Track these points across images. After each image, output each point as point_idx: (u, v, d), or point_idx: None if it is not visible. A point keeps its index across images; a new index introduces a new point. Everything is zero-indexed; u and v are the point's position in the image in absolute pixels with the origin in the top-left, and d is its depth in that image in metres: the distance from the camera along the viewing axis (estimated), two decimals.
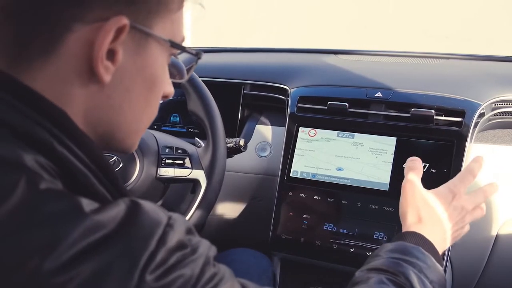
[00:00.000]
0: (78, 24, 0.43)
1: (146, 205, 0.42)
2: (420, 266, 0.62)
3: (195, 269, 0.42)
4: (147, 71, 0.49)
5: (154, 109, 0.54)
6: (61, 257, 0.36)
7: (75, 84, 0.45)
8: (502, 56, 1.38)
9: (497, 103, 1.10)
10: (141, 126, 0.54)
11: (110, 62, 0.45)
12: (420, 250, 0.64)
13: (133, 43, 0.47)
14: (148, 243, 0.39)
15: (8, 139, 0.41)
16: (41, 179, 0.39)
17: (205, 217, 0.97)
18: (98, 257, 0.37)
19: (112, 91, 0.47)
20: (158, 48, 0.49)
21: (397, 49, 1.48)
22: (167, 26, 0.50)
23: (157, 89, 0.52)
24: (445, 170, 1.02)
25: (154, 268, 0.39)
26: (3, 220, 0.37)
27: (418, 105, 1.08)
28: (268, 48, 1.66)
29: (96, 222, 0.38)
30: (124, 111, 0.49)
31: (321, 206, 1.09)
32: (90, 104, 0.47)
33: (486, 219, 1.08)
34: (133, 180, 0.96)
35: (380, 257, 0.64)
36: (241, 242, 1.15)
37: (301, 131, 1.15)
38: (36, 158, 0.41)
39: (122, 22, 0.44)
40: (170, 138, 1.06)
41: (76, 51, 0.44)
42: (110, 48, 0.45)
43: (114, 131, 0.50)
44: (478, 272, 1.10)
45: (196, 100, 0.99)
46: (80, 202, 0.39)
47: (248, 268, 1.02)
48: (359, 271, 0.64)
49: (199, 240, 0.45)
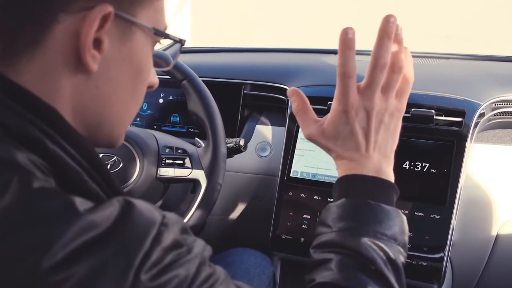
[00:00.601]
0: (63, 14, 0.43)
1: (140, 204, 0.42)
2: (376, 229, 0.56)
3: (190, 269, 0.42)
4: (133, 59, 0.49)
5: (140, 98, 0.54)
6: (56, 256, 0.35)
7: (63, 75, 0.45)
8: (502, 56, 1.38)
9: (497, 103, 1.10)
10: (128, 116, 0.54)
11: (96, 51, 0.45)
12: (368, 205, 0.58)
13: (118, 32, 0.47)
14: (143, 242, 0.39)
15: (1, 137, 0.41)
16: (34, 178, 0.39)
17: (205, 217, 0.97)
18: (93, 257, 0.37)
19: (99, 81, 0.47)
20: (142, 36, 0.50)
21: None
22: (150, 14, 0.50)
23: (143, 78, 0.52)
24: (445, 170, 1.02)
25: (149, 267, 0.38)
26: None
27: (418, 105, 1.08)
28: (268, 48, 1.66)
29: (90, 221, 0.38)
30: (111, 100, 0.50)
31: (321, 206, 1.08)
32: (78, 95, 0.47)
33: (486, 219, 1.08)
34: (133, 180, 0.96)
35: (330, 228, 0.59)
36: (241, 242, 1.15)
37: (301, 131, 1.15)
38: (29, 156, 0.41)
39: (106, 10, 0.44)
40: (170, 138, 1.06)
41: (63, 42, 0.44)
42: (96, 37, 0.45)
43: (102, 122, 0.50)
44: (478, 272, 1.10)
45: (196, 100, 0.99)
46: (73, 201, 0.39)
47: (248, 268, 1.02)
48: (314, 247, 0.60)
49: (194, 240, 0.45)
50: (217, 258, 1.06)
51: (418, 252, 1.00)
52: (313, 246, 0.61)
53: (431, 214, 1.01)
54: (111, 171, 0.96)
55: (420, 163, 1.05)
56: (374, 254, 0.55)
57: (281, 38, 4.81)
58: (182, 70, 1.01)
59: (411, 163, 1.05)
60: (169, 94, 1.35)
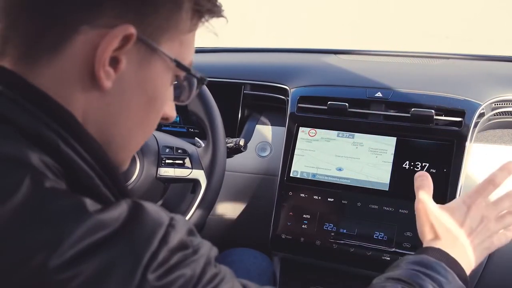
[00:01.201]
0: (87, 27, 0.44)
1: (148, 206, 0.43)
2: (440, 281, 0.61)
3: (196, 269, 0.42)
4: (148, 85, 0.49)
5: (151, 126, 0.54)
6: (64, 255, 0.36)
7: (77, 86, 0.46)
8: (502, 56, 1.38)
9: (497, 103, 1.10)
10: (134, 142, 0.53)
11: (112, 69, 0.45)
12: (441, 265, 0.63)
13: (138, 55, 0.47)
14: (151, 242, 0.40)
15: (15, 137, 0.41)
16: (46, 178, 0.40)
17: (205, 217, 0.97)
18: (100, 256, 0.37)
19: (112, 99, 0.47)
20: (162, 65, 0.49)
21: (397, 49, 1.49)
22: (175, 45, 0.50)
23: (156, 106, 0.52)
24: (445, 170, 1.02)
25: (156, 267, 0.39)
26: (8, 217, 0.37)
27: (418, 105, 1.08)
28: (268, 48, 1.66)
29: (99, 222, 0.39)
30: (121, 121, 0.49)
31: (321, 206, 1.09)
32: (89, 109, 0.47)
33: None
34: (133, 180, 0.96)
35: (399, 267, 0.64)
36: (241, 242, 1.15)
37: (301, 131, 1.15)
38: (42, 157, 0.41)
39: (129, 30, 0.44)
40: (170, 138, 1.06)
41: (81, 53, 0.45)
42: (114, 55, 0.45)
43: (109, 142, 0.50)
44: (478, 272, 1.10)
45: (196, 100, 0.99)
46: (83, 201, 0.40)
47: (248, 268, 1.02)
48: (377, 278, 0.64)
49: (200, 241, 0.46)
50: (217, 258, 1.06)
51: None
52: (377, 278, 0.64)
53: None
54: None
55: (420, 163, 1.05)
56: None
57: (281, 38, 4.81)
58: None
59: (411, 163, 1.05)
60: None
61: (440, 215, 0.69)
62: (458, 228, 0.68)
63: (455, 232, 0.68)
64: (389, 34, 4.64)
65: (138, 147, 0.55)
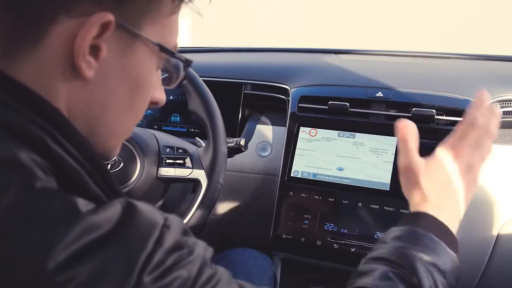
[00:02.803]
0: (64, 17, 0.43)
1: (142, 206, 0.42)
2: (430, 257, 0.57)
3: (192, 270, 0.42)
4: (132, 72, 0.48)
5: (139, 113, 0.53)
6: (58, 258, 0.35)
7: (59, 78, 0.45)
8: (502, 55, 1.38)
9: (498, 102, 1.10)
10: (124, 129, 0.53)
11: (92, 58, 0.45)
12: (430, 237, 0.58)
13: (119, 42, 0.46)
14: (145, 244, 0.39)
15: (2, 136, 0.41)
16: (36, 178, 0.39)
17: (206, 217, 0.97)
18: (95, 258, 0.37)
19: (95, 89, 0.47)
20: (146, 50, 0.49)
21: (398, 48, 1.48)
22: (158, 29, 0.49)
23: (142, 92, 0.51)
24: None
25: (152, 269, 0.39)
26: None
27: (419, 104, 1.08)
28: (268, 48, 1.66)
29: (92, 223, 0.38)
30: (106, 110, 0.49)
31: (322, 206, 1.09)
32: (73, 100, 0.46)
33: (487, 218, 1.08)
34: (133, 180, 0.96)
35: (386, 244, 0.60)
36: (242, 242, 1.15)
37: (301, 131, 1.15)
38: (31, 155, 0.40)
39: (106, 18, 0.43)
40: (170, 138, 1.06)
41: (60, 44, 0.44)
42: (94, 44, 0.44)
43: (96, 131, 0.50)
44: (479, 272, 1.10)
45: (197, 99, 0.99)
46: (76, 202, 0.39)
47: (248, 268, 1.02)
48: (365, 259, 0.60)
49: (195, 242, 0.45)
50: (218, 258, 1.06)
51: None
52: (364, 258, 0.61)
53: None
54: (112, 171, 0.96)
55: None
56: (421, 272, 0.55)
57: (281, 38, 4.81)
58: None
59: None
60: (169, 93, 1.35)
61: (427, 172, 0.64)
62: (447, 184, 0.63)
63: (444, 190, 0.63)
64: (390, 34, 4.64)
65: (128, 134, 0.55)
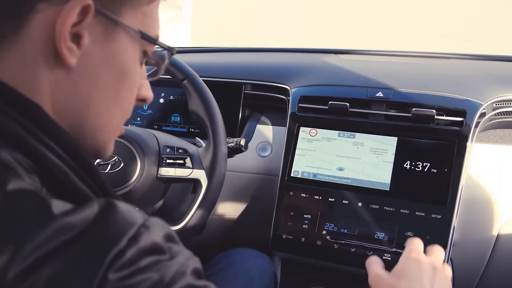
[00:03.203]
0: (43, 5, 0.43)
1: (122, 206, 0.40)
2: None
3: (165, 274, 0.38)
4: (116, 60, 0.48)
5: (126, 105, 0.53)
6: (26, 260, 0.34)
7: (41, 68, 0.44)
8: (503, 55, 1.37)
9: (498, 102, 1.10)
10: (112, 122, 0.52)
11: (74, 45, 0.44)
12: None
13: (100, 29, 0.46)
14: (118, 240, 0.37)
15: None
16: (13, 177, 0.38)
17: (206, 217, 0.97)
18: (62, 258, 0.35)
19: (80, 77, 0.46)
20: (127, 38, 0.49)
21: (398, 48, 1.48)
22: (138, 17, 0.49)
23: (127, 82, 0.51)
24: (446, 170, 1.02)
25: (120, 266, 0.36)
26: None
27: (419, 104, 1.08)
28: (268, 48, 1.66)
29: (65, 224, 0.36)
30: (92, 99, 0.48)
31: (322, 206, 1.09)
32: (57, 90, 0.46)
33: (487, 219, 1.08)
34: (134, 180, 0.96)
35: None
36: (242, 242, 1.15)
37: (302, 131, 1.15)
38: (12, 154, 0.39)
39: (85, 2, 0.43)
40: (171, 138, 1.06)
41: (41, 32, 0.44)
42: (76, 31, 0.44)
43: (83, 123, 0.49)
44: (479, 272, 1.10)
45: (197, 99, 0.99)
46: (49, 204, 0.38)
47: (249, 268, 1.02)
48: None
49: (180, 250, 0.42)
50: (218, 258, 1.06)
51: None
52: None
53: (432, 214, 1.01)
54: (112, 171, 0.96)
55: (421, 163, 1.04)
56: None
57: (281, 38, 4.81)
58: (183, 69, 1.01)
59: (412, 163, 1.05)
60: (169, 93, 1.35)
61: (398, 283, 0.68)
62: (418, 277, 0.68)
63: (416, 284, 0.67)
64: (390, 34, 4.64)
65: (118, 129, 0.54)
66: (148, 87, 0.56)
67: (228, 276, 0.99)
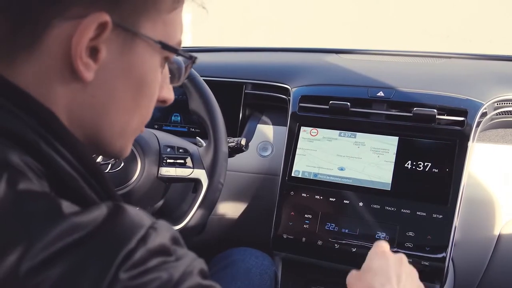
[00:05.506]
0: (59, 20, 0.43)
1: (130, 209, 0.41)
2: None
3: (174, 274, 0.39)
4: (134, 72, 0.48)
5: (145, 111, 0.52)
6: (36, 258, 0.35)
7: (58, 81, 0.45)
8: (504, 55, 1.37)
9: (500, 102, 1.10)
10: (131, 128, 0.52)
11: (91, 60, 0.44)
12: None
13: (118, 42, 0.45)
14: (128, 241, 0.38)
15: None
16: (23, 179, 0.38)
17: (207, 217, 0.97)
18: (72, 257, 0.36)
19: (96, 90, 0.46)
20: (147, 49, 0.48)
21: (399, 48, 1.48)
22: (158, 26, 0.48)
23: (147, 92, 0.50)
24: (447, 169, 1.02)
25: (131, 266, 0.37)
26: None
27: (420, 104, 1.08)
28: (269, 47, 1.66)
29: (74, 224, 0.37)
30: (109, 111, 0.48)
31: (323, 206, 1.09)
32: (74, 103, 0.46)
33: (488, 219, 1.08)
34: (134, 180, 0.96)
35: None
36: (243, 242, 1.15)
37: (302, 131, 1.15)
38: (23, 158, 0.40)
39: (102, 18, 0.43)
40: (171, 138, 1.06)
41: (57, 48, 0.43)
42: (93, 45, 0.44)
43: (100, 132, 0.49)
44: (480, 272, 1.10)
45: (198, 99, 0.99)
46: (59, 204, 0.38)
47: (249, 268, 1.02)
48: None
49: (186, 253, 0.43)
50: (219, 258, 1.06)
51: (420, 252, 1.00)
52: None
53: (433, 214, 1.00)
54: (112, 171, 0.96)
55: (422, 163, 1.04)
56: None
57: (282, 38, 4.81)
58: None
59: (413, 162, 1.05)
60: None
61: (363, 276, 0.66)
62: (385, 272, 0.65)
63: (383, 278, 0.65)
64: (390, 34, 4.64)
65: (136, 133, 0.54)
66: (169, 88, 0.56)
67: (229, 275, 0.99)
